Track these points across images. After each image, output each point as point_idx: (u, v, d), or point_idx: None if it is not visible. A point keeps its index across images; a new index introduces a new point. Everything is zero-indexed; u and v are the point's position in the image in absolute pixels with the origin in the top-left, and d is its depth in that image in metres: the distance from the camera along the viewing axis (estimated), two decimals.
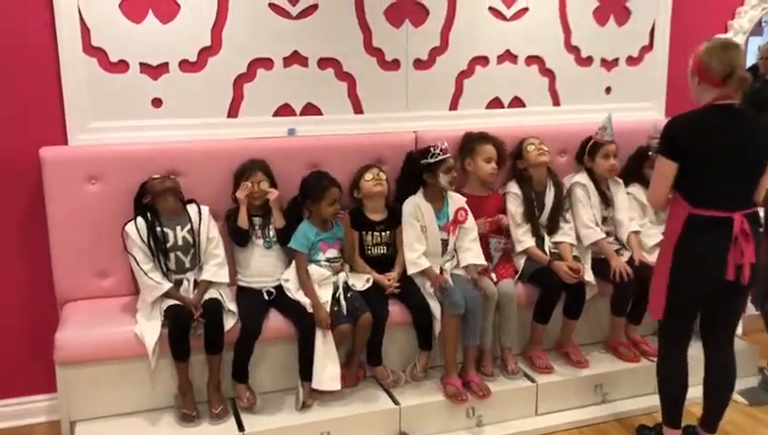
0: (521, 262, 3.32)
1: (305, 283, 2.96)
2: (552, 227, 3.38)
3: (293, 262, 3.02)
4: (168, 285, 2.80)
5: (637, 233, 3.49)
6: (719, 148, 2.50)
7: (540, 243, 3.34)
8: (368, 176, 3.15)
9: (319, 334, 2.84)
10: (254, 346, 2.83)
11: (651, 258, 3.24)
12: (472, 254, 3.14)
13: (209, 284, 2.89)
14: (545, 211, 3.37)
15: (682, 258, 2.56)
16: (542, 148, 3.38)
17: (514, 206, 3.35)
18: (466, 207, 3.21)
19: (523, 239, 3.32)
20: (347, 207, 3.18)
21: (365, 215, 3.18)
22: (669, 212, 2.65)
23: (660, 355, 2.81)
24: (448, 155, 3.13)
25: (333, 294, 2.94)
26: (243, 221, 2.96)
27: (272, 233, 3.03)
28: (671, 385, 2.77)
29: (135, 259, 2.81)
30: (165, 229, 2.86)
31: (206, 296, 2.82)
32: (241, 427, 2.75)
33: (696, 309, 2.71)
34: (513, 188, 3.38)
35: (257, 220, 3.03)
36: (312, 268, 3.01)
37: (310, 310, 2.86)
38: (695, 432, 2.88)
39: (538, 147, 3.37)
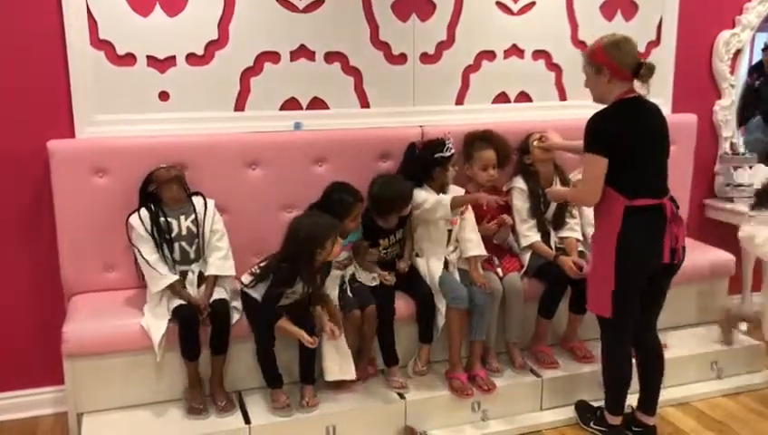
0: (526, 257, 3.32)
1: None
2: (558, 223, 3.37)
3: None
4: (173, 277, 2.79)
5: None
6: (641, 138, 2.60)
7: (546, 238, 3.34)
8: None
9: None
10: (274, 354, 2.82)
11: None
12: (473, 245, 3.14)
13: (216, 279, 2.89)
14: (551, 207, 3.37)
15: (626, 252, 2.60)
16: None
17: (520, 201, 3.34)
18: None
19: (529, 234, 3.31)
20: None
21: (376, 222, 3.11)
22: (602, 210, 2.67)
23: (609, 349, 2.82)
24: (454, 152, 3.13)
25: (340, 286, 2.96)
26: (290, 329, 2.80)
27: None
28: (621, 378, 2.81)
29: (139, 251, 2.82)
30: (169, 219, 2.86)
31: (214, 297, 2.82)
32: (247, 419, 2.77)
33: (638, 298, 2.72)
34: (519, 183, 3.37)
35: None
36: None
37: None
38: (633, 416, 2.93)
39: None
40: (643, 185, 2.61)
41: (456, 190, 3.20)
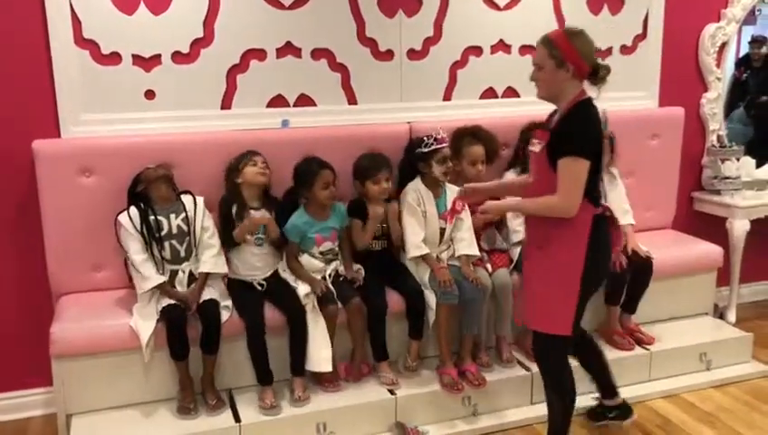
0: (516, 251, 3.32)
1: (297, 271, 2.98)
2: None
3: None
4: (159, 279, 2.78)
5: (632, 225, 3.50)
6: (602, 143, 2.45)
7: None
8: (375, 188, 3.08)
9: (311, 318, 2.87)
10: (264, 341, 2.83)
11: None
12: (465, 244, 3.15)
13: (207, 276, 2.88)
14: None
15: (595, 263, 2.42)
16: None
17: (511, 196, 3.33)
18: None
19: (520, 229, 3.30)
20: (347, 197, 3.19)
21: (365, 204, 3.14)
22: (566, 221, 2.37)
23: (560, 366, 2.58)
24: (444, 145, 3.13)
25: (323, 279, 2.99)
26: (238, 237, 2.93)
27: (263, 232, 2.98)
28: (573, 395, 2.63)
29: (128, 250, 2.81)
30: (158, 217, 2.86)
31: (204, 298, 2.82)
32: (237, 418, 2.76)
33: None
34: (512, 177, 3.36)
35: (254, 212, 3.00)
36: (305, 259, 3.02)
37: (304, 301, 2.87)
38: (601, 404, 2.94)
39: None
40: (599, 191, 2.50)
41: (453, 188, 3.20)
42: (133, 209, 2.85)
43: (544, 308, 2.49)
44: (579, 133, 2.36)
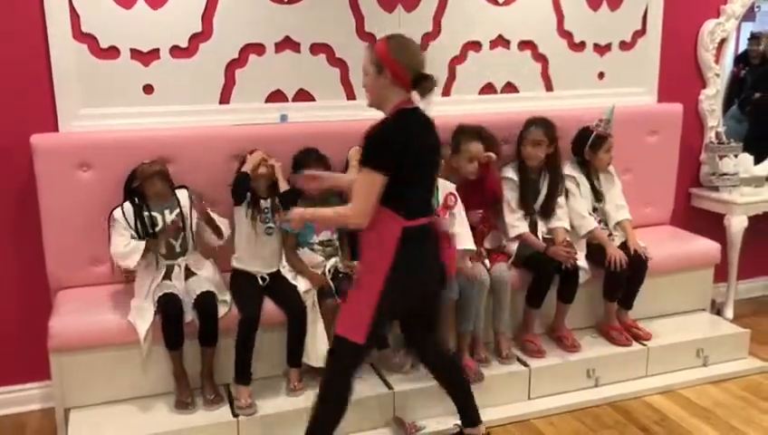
0: (513, 247, 3.32)
1: (296, 266, 2.98)
2: (547, 213, 3.38)
3: None
4: (141, 243, 2.78)
5: (629, 221, 3.51)
6: (421, 154, 2.36)
7: (533, 229, 3.35)
8: (353, 151, 3.05)
9: (310, 314, 2.87)
10: (254, 339, 2.82)
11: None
12: (460, 238, 3.12)
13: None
14: (540, 197, 3.37)
15: (399, 277, 2.33)
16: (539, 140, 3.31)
17: (510, 191, 3.35)
18: (455, 192, 3.20)
19: (518, 225, 3.32)
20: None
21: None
22: (375, 230, 2.36)
23: (336, 375, 2.49)
24: None
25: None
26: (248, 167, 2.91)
27: (275, 220, 2.97)
28: (344, 406, 2.51)
29: (110, 244, 2.81)
30: (153, 213, 2.86)
31: (200, 290, 2.81)
32: (235, 413, 2.76)
33: (396, 318, 2.58)
34: (510, 173, 3.38)
35: (263, 203, 2.99)
36: (304, 252, 3.02)
37: (304, 298, 2.88)
38: (461, 432, 2.78)
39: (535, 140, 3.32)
40: (419, 204, 2.41)
41: (445, 183, 3.20)
42: (127, 205, 2.86)
43: (346, 310, 2.48)
44: (374, 145, 2.31)
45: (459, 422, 2.77)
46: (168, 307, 2.74)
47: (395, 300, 2.37)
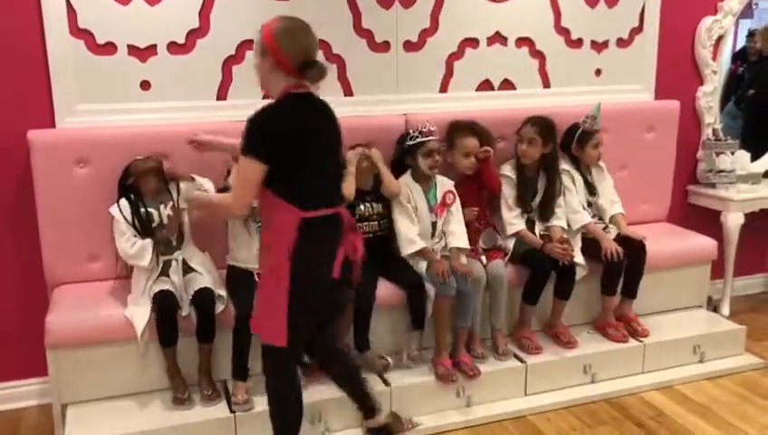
0: (509, 244, 3.33)
1: None
2: (544, 213, 3.37)
3: None
4: (147, 242, 2.80)
5: (623, 215, 3.52)
6: (315, 141, 2.27)
7: (530, 226, 3.36)
8: (351, 153, 3.11)
9: None
10: (250, 337, 2.78)
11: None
12: (455, 237, 3.15)
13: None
14: (537, 196, 3.37)
15: (302, 270, 2.24)
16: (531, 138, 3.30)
17: (508, 189, 3.35)
18: (454, 190, 3.21)
19: (515, 222, 3.32)
20: None
21: None
22: (272, 224, 2.29)
23: (276, 378, 2.43)
24: (430, 138, 3.12)
25: None
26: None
27: None
28: (296, 407, 2.47)
29: (117, 243, 2.82)
30: (149, 209, 2.86)
31: (197, 286, 2.81)
32: (232, 409, 2.76)
33: (317, 317, 2.43)
34: (508, 170, 3.38)
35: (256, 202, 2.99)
36: None
37: None
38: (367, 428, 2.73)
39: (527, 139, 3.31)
40: (318, 193, 2.29)
41: (444, 181, 3.21)
42: (123, 202, 2.86)
43: (262, 314, 2.36)
44: (250, 131, 2.21)
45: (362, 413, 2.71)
46: (163, 305, 2.74)
47: (306, 296, 2.27)
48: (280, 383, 2.44)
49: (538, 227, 3.37)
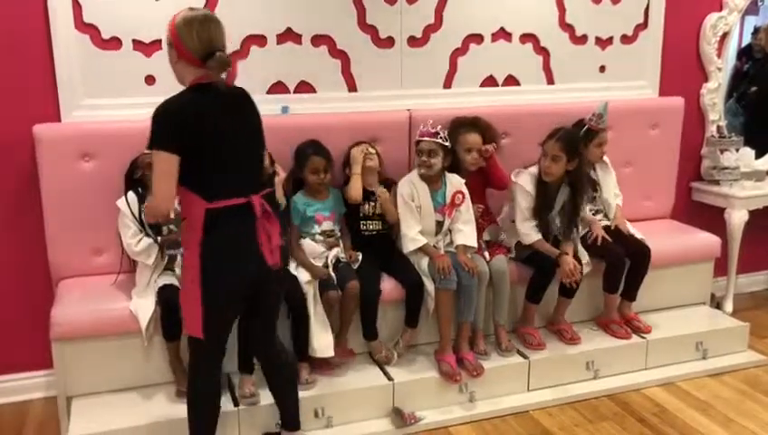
0: (512, 242, 3.33)
1: (298, 258, 2.99)
2: (567, 233, 3.21)
3: None
4: (152, 243, 2.82)
5: (620, 206, 3.54)
6: (222, 131, 2.21)
7: (546, 235, 3.24)
8: (357, 151, 3.13)
9: (310, 305, 2.88)
10: None
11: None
12: (462, 235, 3.14)
13: None
14: (555, 209, 3.21)
15: (211, 261, 2.21)
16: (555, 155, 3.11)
17: (524, 200, 3.20)
18: (465, 190, 3.19)
19: (530, 232, 3.19)
20: (341, 184, 3.20)
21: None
22: (184, 215, 2.29)
23: (195, 374, 2.42)
24: (424, 138, 3.09)
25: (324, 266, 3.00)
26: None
27: None
28: (211, 406, 2.45)
29: (123, 237, 2.83)
30: None
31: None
32: (236, 402, 2.78)
33: (236, 311, 2.42)
34: (526, 182, 3.19)
35: None
36: (306, 243, 3.04)
37: (305, 289, 2.88)
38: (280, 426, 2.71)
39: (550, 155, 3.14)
40: (226, 183, 2.23)
41: (455, 181, 3.19)
42: (131, 195, 2.87)
43: (185, 309, 2.34)
44: (153, 124, 2.16)
45: (280, 421, 2.70)
46: (168, 299, 2.74)
47: (217, 288, 2.23)
48: (201, 380, 2.43)
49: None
